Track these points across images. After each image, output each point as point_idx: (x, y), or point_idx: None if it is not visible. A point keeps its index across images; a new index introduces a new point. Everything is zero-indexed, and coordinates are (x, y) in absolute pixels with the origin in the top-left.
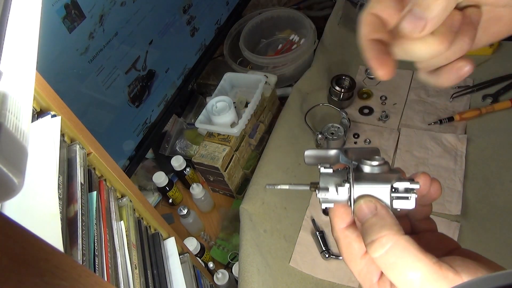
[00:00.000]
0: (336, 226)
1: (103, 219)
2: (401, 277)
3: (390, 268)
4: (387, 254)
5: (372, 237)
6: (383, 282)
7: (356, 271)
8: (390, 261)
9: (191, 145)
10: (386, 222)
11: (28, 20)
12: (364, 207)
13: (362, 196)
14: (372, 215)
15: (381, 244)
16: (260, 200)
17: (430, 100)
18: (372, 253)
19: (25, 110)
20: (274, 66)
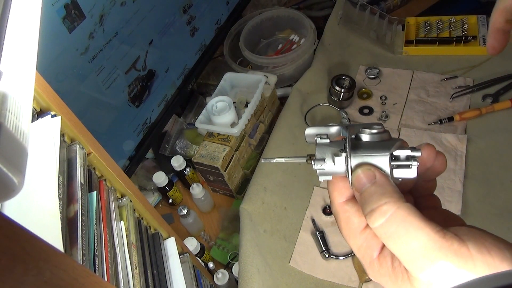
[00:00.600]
0: (335, 201)
1: (103, 219)
2: (403, 247)
3: (391, 237)
4: (388, 222)
5: (371, 205)
6: (384, 257)
7: (355, 246)
8: (391, 230)
9: (191, 145)
10: (386, 190)
11: (28, 20)
12: (362, 176)
13: (360, 164)
14: (371, 184)
15: (381, 212)
16: (260, 200)
17: (430, 100)
18: (372, 223)
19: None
20: (274, 66)
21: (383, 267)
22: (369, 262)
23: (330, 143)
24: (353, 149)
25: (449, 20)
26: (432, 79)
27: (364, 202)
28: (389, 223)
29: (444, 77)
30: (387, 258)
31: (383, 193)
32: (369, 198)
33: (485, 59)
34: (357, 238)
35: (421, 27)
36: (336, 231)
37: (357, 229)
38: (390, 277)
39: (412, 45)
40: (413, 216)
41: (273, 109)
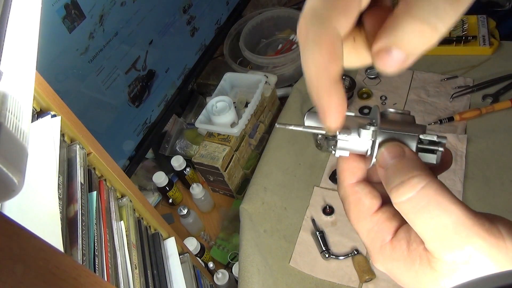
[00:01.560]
0: (345, 181)
1: (103, 219)
2: (432, 223)
3: (420, 212)
4: (419, 195)
5: (401, 177)
6: (398, 241)
7: (364, 230)
8: (421, 204)
9: (191, 145)
10: (417, 164)
11: (28, 20)
12: (390, 150)
13: (386, 141)
14: (399, 158)
15: (412, 184)
16: (260, 200)
17: (430, 100)
18: (400, 196)
19: (25, 110)
20: (274, 66)
21: (396, 251)
22: (380, 246)
23: (355, 116)
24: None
25: None
26: (432, 79)
27: (391, 175)
28: (419, 196)
29: (444, 77)
30: (402, 241)
31: (414, 166)
32: (397, 171)
33: (485, 59)
34: (367, 221)
35: None
36: (337, 231)
37: (368, 212)
38: (405, 261)
39: None
40: (445, 193)
41: (273, 109)
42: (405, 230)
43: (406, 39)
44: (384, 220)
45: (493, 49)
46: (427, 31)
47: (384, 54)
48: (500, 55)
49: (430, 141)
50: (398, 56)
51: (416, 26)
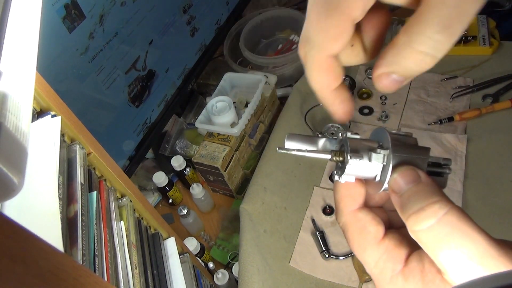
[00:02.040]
0: (346, 209)
1: (103, 219)
2: (457, 252)
3: (443, 241)
4: (441, 223)
5: (420, 204)
6: (411, 270)
7: (371, 261)
8: (443, 232)
9: (191, 145)
10: (435, 189)
11: (28, 20)
12: (405, 174)
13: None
14: (415, 184)
15: (433, 211)
16: (260, 200)
17: (430, 100)
18: (419, 224)
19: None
20: (274, 66)
21: (409, 282)
22: (391, 277)
23: (361, 139)
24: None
25: None
26: (432, 79)
27: (408, 202)
28: (441, 224)
29: (444, 77)
30: (415, 271)
31: (433, 191)
32: (415, 196)
33: (485, 59)
34: (374, 250)
35: None
36: (336, 231)
37: (374, 240)
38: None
39: None
40: (467, 220)
41: (273, 109)
42: (417, 258)
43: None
44: (392, 248)
45: (493, 49)
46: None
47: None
48: (500, 55)
49: (437, 163)
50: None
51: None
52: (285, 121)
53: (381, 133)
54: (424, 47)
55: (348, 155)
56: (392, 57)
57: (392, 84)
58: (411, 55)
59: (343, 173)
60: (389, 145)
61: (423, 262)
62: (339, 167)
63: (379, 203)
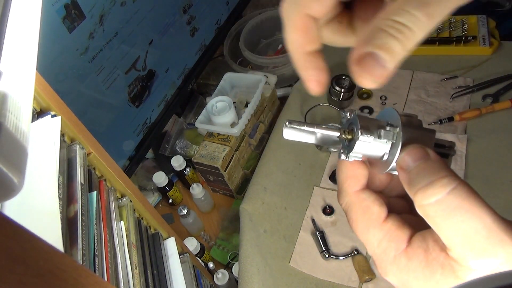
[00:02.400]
0: (350, 189)
1: (103, 219)
2: (463, 226)
3: (450, 215)
4: (449, 196)
5: (429, 178)
6: (414, 249)
7: (374, 241)
8: (452, 206)
9: (191, 145)
10: (444, 165)
11: (28, 20)
12: (414, 151)
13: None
14: (424, 160)
15: (442, 184)
16: (260, 200)
17: (430, 100)
18: (428, 197)
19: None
20: (274, 66)
21: (413, 261)
22: (394, 256)
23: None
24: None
25: (449, 20)
26: (432, 79)
27: (417, 177)
28: (449, 198)
29: (444, 77)
30: (419, 250)
31: (442, 167)
32: (423, 172)
33: (485, 59)
34: (377, 229)
35: None
36: (336, 231)
37: (378, 220)
38: (424, 271)
39: None
40: (475, 196)
41: (273, 109)
42: (420, 238)
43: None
44: (397, 227)
45: (493, 49)
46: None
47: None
48: (500, 55)
49: (442, 145)
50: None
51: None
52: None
53: (389, 112)
54: (403, 19)
55: (359, 131)
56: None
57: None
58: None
59: (352, 151)
60: (399, 123)
61: (427, 241)
62: (347, 146)
63: (379, 188)
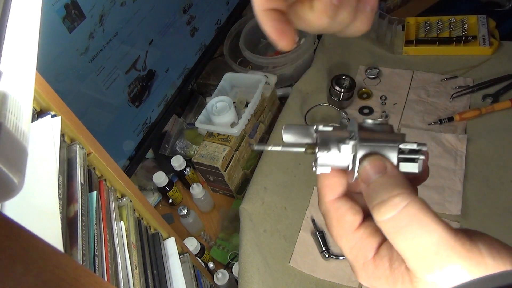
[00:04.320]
0: (326, 198)
1: (103, 219)
2: (413, 243)
3: (401, 232)
4: (400, 215)
5: (382, 196)
6: (380, 258)
7: (347, 247)
8: (402, 223)
9: (191, 145)
10: (399, 181)
11: (28, 20)
12: (372, 165)
13: (368, 154)
14: (381, 174)
15: (394, 203)
16: (260, 200)
17: (430, 100)
18: (382, 215)
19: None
20: (274, 66)
21: (379, 269)
22: (363, 263)
23: (333, 130)
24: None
25: (449, 20)
26: (432, 79)
27: (373, 193)
28: (401, 216)
29: (444, 77)
30: (384, 259)
31: (397, 184)
32: (379, 188)
33: (485, 59)
34: (349, 238)
35: (421, 27)
36: None
37: (350, 228)
38: (387, 280)
39: (412, 45)
40: (426, 212)
41: (273, 109)
42: (387, 247)
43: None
44: (366, 236)
45: (493, 49)
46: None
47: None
48: (500, 55)
49: (410, 149)
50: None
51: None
52: (285, 121)
53: (353, 124)
54: None
55: (316, 147)
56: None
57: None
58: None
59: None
60: (357, 135)
61: (392, 251)
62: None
63: None
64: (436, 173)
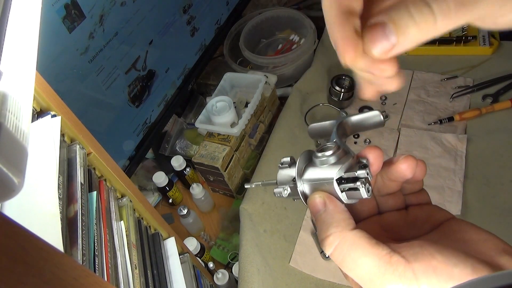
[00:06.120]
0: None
1: (103, 219)
2: (352, 273)
3: (341, 265)
4: (336, 251)
5: (321, 235)
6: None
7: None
8: (339, 258)
9: (191, 145)
10: (333, 219)
11: (28, 20)
12: (316, 202)
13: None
14: (323, 211)
15: (329, 242)
16: (260, 200)
17: (430, 100)
18: (326, 251)
19: (25, 110)
20: (274, 66)
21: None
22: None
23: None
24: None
25: None
26: (432, 79)
27: (318, 230)
28: (337, 252)
29: (444, 77)
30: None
31: (331, 222)
32: (320, 226)
33: (485, 59)
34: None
35: None
36: None
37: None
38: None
39: None
40: (359, 243)
41: (273, 109)
42: None
43: (403, 19)
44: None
45: (493, 49)
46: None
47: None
48: (500, 55)
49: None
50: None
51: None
52: (285, 121)
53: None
54: (434, 5)
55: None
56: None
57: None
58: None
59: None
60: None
61: None
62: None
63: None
64: (436, 173)
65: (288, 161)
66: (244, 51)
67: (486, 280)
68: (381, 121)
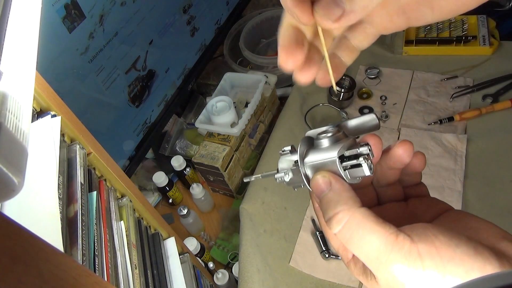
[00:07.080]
0: (315, 204)
1: (103, 219)
2: (359, 251)
3: (349, 242)
4: (344, 229)
5: (329, 214)
6: (357, 258)
7: (335, 246)
8: (347, 236)
9: (191, 145)
10: (341, 197)
11: (28, 20)
12: (320, 183)
13: (318, 171)
14: (328, 191)
15: (338, 220)
16: (260, 200)
17: (430, 100)
18: (332, 230)
19: (25, 110)
20: (274, 66)
21: (357, 267)
22: (347, 262)
23: (291, 155)
24: (305, 158)
25: (449, 20)
26: (432, 79)
27: (323, 210)
28: (345, 229)
29: (444, 77)
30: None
31: (338, 200)
32: (326, 205)
33: (485, 59)
34: (335, 239)
35: (421, 27)
36: None
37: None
38: (363, 275)
39: (412, 45)
40: (366, 221)
41: (273, 109)
42: None
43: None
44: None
45: (493, 49)
46: None
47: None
48: (500, 55)
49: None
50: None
51: None
52: (285, 121)
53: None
54: None
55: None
56: None
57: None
58: None
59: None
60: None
61: None
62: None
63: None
64: (436, 173)
65: (289, 149)
66: (244, 51)
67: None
68: (377, 124)
